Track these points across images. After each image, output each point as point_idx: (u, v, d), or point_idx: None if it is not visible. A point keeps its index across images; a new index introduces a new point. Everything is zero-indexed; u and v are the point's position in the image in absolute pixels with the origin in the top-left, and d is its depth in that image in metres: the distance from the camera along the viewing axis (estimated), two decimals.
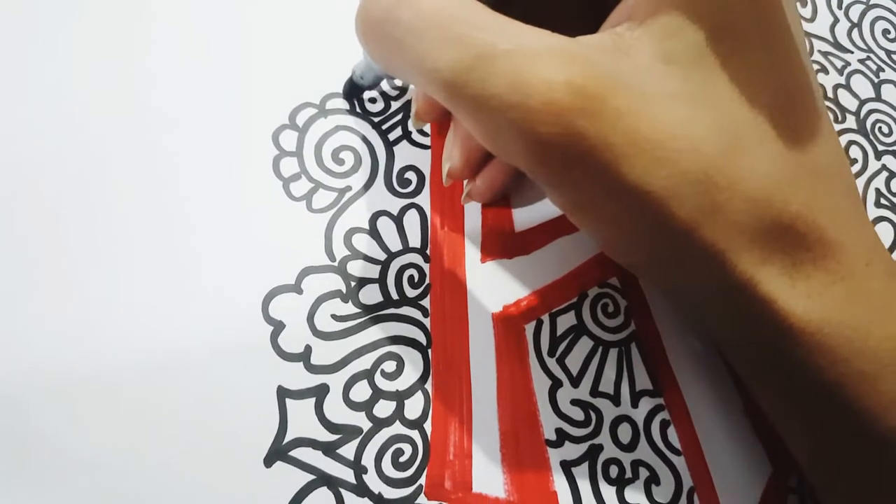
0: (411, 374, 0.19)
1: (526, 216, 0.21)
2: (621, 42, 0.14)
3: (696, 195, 0.14)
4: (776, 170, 0.15)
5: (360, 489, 0.17)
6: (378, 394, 0.18)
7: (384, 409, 0.18)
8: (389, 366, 0.19)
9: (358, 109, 0.22)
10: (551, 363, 0.20)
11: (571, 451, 0.19)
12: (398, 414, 0.18)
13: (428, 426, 0.18)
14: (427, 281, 0.20)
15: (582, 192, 0.15)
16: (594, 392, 0.20)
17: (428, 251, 0.20)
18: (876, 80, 0.26)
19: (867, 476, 0.16)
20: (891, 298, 0.16)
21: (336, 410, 0.18)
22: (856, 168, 0.25)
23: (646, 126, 0.14)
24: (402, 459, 0.18)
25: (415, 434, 0.18)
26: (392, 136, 0.22)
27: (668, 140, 0.14)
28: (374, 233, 0.20)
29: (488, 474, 0.18)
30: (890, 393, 0.15)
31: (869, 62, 0.27)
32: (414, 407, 0.18)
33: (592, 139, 0.13)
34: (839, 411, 0.16)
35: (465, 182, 0.21)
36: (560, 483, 0.18)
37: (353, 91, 0.21)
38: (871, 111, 0.26)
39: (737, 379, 0.20)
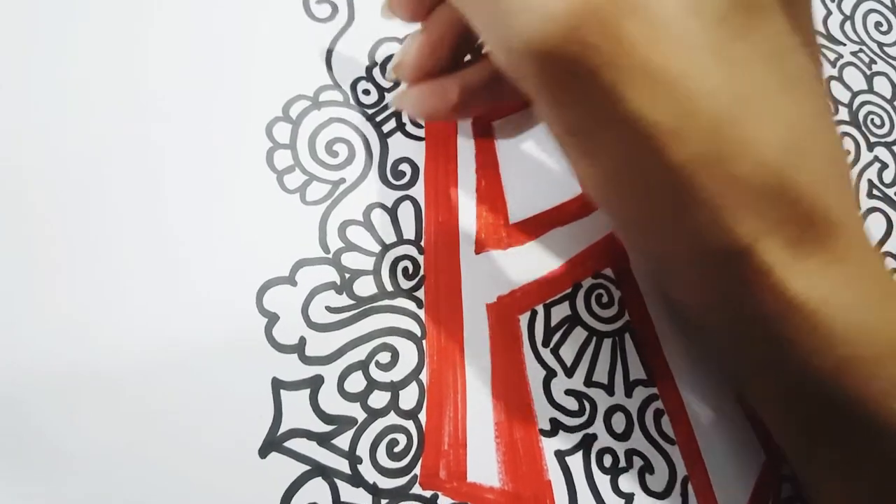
0: (406, 364, 0.19)
1: (521, 207, 0.21)
2: None
3: (702, 140, 0.14)
4: (789, 140, 0.15)
5: (355, 479, 0.17)
6: (373, 384, 0.18)
7: (379, 399, 0.18)
8: (384, 357, 0.19)
9: (348, 93, 0.22)
10: (545, 353, 0.20)
11: (566, 440, 0.19)
12: (393, 404, 0.18)
13: (423, 416, 0.18)
14: (421, 272, 0.20)
15: (582, 114, 0.14)
16: (588, 382, 0.20)
17: (422, 243, 0.20)
18: (868, 73, 0.26)
19: (867, 464, 0.16)
20: (889, 285, 0.16)
21: (331, 401, 0.18)
22: (848, 160, 0.25)
23: (660, 60, 0.13)
24: (396, 450, 0.18)
25: (409, 424, 0.18)
26: (386, 129, 0.22)
27: (682, 79, 0.14)
28: (368, 225, 0.20)
29: (483, 464, 0.18)
30: (888, 379, 0.15)
31: (861, 54, 0.27)
32: (408, 397, 0.19)
33: (605, 56, 0.13)
34: (836, 397, 0.15)
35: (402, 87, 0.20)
36: (554, 472, 0.19)
37: None
38: (863, 103, 0.26)
39: None
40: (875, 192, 0.24)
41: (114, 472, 0.17)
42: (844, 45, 0.27)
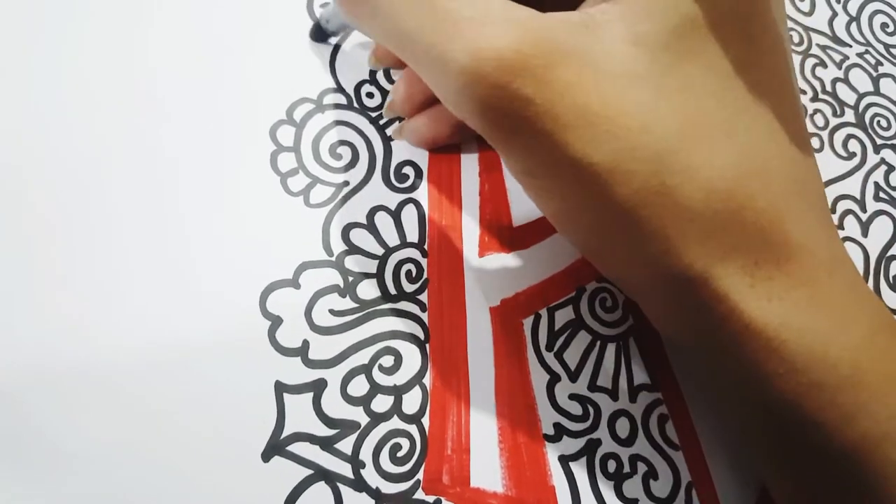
0: (409, 368, 0.19)
1: (524, 211, 0.21)
2: (590, 21, 0.14)
3: (643, 174, 0.14)
4: (742, 164, 0.15)
5: (358, 484, 0.17)
6: (376, 388, 0.18)
7: (382, 403, 0.18)
8: (387, 360, 0.19)
9: (352, 96, 0.22)
10: (549, 358, 0.20)
11: (569, 445, 0.19)
12: (396, 408, 0.18)
13: (426, 421, 0.18)
14: (425, 276, 0.20)
15: (528, 160, 0.15)
16: (592, 386, 0.20)
17: (426, 246, 0.20)
18: (874, 74, 0.26)
19: (825, 491, 0.16)
20: (851, 310, 0.15)
21: (334, 405, 0.18)
22: (854, 162, 0.24)
23: (596, 101, 0.14)
24: (399, 454, 0.18)
25: (413, 429, 0.18)
26: (390, 131, 0.22)
27: (619, 116, 0.14)
28: (371, 228, 0.20)
29: (486, 469, 0.18)
30: (848, 405, 0.14)
31: (867, 56, 0.27)
32: (412, 402, 0.18)
33: (538, 106, 0.13)
34: (796, 423, 0.15)
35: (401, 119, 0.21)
36: (558, 477, 0.18)
37: (318, 35, 0.22)
38: (869, 105, 0.26)
39: None
40: (882, 194, 0.24)
41: (115, 475, 0.16)
42: (850, 46, 0.27)
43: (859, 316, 0.15)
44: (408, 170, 0.21)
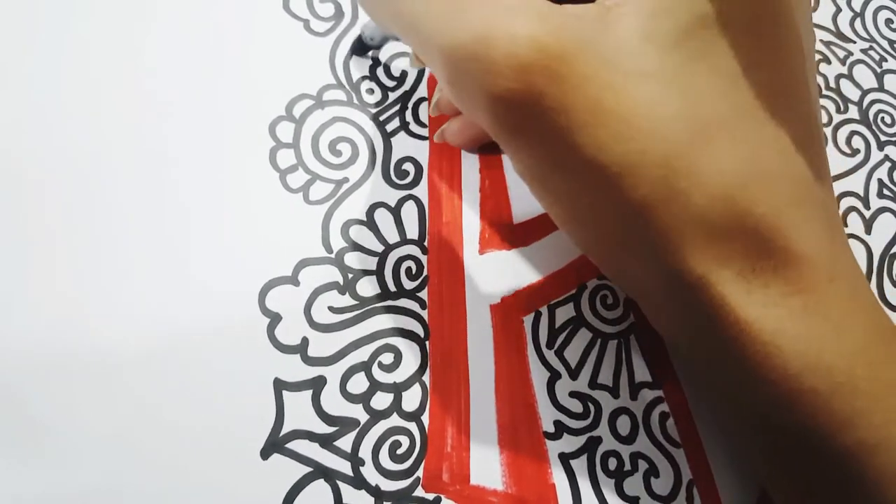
0: (409, 366, 0.19)
1: (525, 207, 0.21)
2: (606, 14, 0.14)
3: (653, 178, 0.14)
4: (747, 168, 0.14)
5: (358, 481, 0.17)
6: (375, 386, 0.18)
7: (381, 401, 0.18)
8: (387, 358, 0.19)
9: (351, 92, 0.22)
10: (550, 355, 0.20)
11: (570, 443, 0.19)
12: (395, 406, 0.18)
13: (425, 418, 0.18)
14: (425, 273, 0.20)
15: (536, 157, 0.14)
16: (593, 384, 0.20)
17: (426, 243, 0.20)
18: (879, 70, 0.26)
19: (821, 496, 0.16)
20: (849, 317, 0.15)
21: (333, 402, 0.18)
22: (858, 159, 0.24)
23: (610, 98, 0.13)
24: (399, 452, 0.18)
25: (412, 426, 0.18)
26: (390, 128, 0.21)
27: (632, 116, 0.13)
28: (371, 224, 0.20)
29: (486, 466, 0.18)
30: (843, 412, 0.14)
31: (872, 52, 0.26)
32: (411, 399, 0.18)
33: (551, 101, 0.13)
34: (790, 429, 0.15)
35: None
36: (558, 475, 0.18)
37: (360, 49, 0.22)
38: (873, 101, 0.25)
39: None
40: (885, 191, 0.24)
41: (114, 471, 0.16)
42: (854, 42, 0.26)
43: (857, 324, 0.15)
44: (408, 166, 0.21)
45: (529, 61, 0.13)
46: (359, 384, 0.18)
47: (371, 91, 0.22)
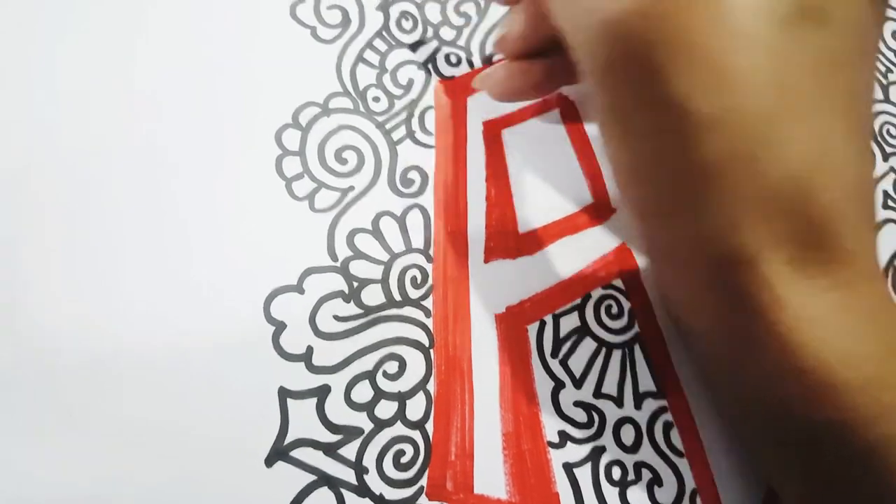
0: (413, 374, 0.19)
1: (530, 217, 0.21)
2: None
3: (734, 138, 0.14)
4: (819, 156, 0.14)
5: (362, 490, 0.17)
6: (380, 394, 0.18)
7: (386, 409, 0.18)
8: (391, 366, 0.19)
9: (358, 100, 0.22)
10: (554, 364, 0.20)
11: (574, 452, 0.19)
12: (400, 415, 0.18)
13: (430, 427, 0.18)
14: (430, 281, 0.20)
15: (626, 94, 0.15)
16: (597, 394, 0.20)
17: (431, 252, 0.20)
18: (884, 83, 0.26)
19: (839, 493, 0.16)
20: (884, 317, 0.15)
21: (337, 411, 0.18)
22: (875, 187, 0.24)
23: (715, 50, 0.14)
24: (403, 460, 0.18)
25: (416, 435, 0.18)
26: (396, 136, 0.21)
27: (730, 73, 0.14)
28: (376, 233, 0.20)
29: (490, 475, 0.18)
30: (870, 407, 0.15)
31: (877, 64, 0.26)
32: (416, 408, 0.18)
33: (662, 34, 0.14)
34: (814, 422, 0.15)
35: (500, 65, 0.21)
36: (562, 485, 0.18)
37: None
38: (879, 113, 0.25)
39: None
40: (891, 203, 0.24)
41: (119, 479, 0.17)
42: None
43: (892, 324, 0.15)
44: (413, 175, 0.21)
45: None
46: (363, 393, 0.18)
47: (377, 99, 0.22)
